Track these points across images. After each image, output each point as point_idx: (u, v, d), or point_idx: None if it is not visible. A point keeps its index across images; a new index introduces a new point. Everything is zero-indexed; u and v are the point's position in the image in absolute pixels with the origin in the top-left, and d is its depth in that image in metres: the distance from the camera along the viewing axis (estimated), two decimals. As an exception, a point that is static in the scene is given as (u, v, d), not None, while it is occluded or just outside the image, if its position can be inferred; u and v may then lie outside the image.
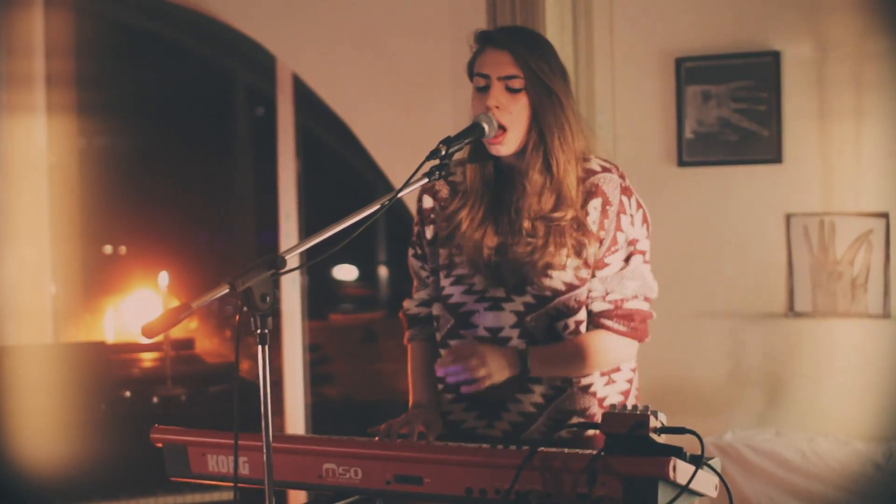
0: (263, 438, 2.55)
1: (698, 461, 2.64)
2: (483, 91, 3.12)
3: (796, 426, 5.30)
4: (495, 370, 3.04)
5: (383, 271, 8.44)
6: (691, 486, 2.61)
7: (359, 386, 7.87)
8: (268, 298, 2.53)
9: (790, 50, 5.35)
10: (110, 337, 6.86)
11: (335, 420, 7.11)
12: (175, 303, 6.80)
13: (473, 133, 3.06)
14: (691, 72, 5.50)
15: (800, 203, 5.36)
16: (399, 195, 2.89)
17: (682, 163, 5.55)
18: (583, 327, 3.15)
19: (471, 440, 3.13)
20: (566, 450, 2.70)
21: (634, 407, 2.67)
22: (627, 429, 2.63)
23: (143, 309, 6.87)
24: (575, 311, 3.13)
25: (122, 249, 7.58)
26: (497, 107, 3.09)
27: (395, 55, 6.12)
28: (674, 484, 2.57)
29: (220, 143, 7.95)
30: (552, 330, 3.14)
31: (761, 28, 5.40)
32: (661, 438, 2.67)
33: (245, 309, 2.53)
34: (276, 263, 2.56)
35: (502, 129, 3.10)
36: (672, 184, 5.56)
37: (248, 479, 2.94)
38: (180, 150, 7.80)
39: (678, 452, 2.61)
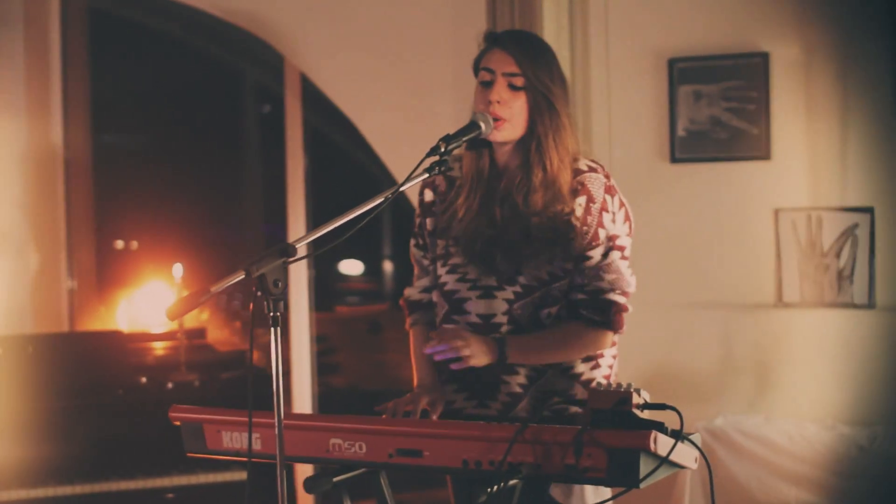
0: (275, 415, 2.72)
1: (678, 435, 2.77)
2: (487, 86, 3.29)
3: (785, 412, 5.33)
4: (477, 352, 3.21)
5: (388, 265, 8.54)
6: (672, 458, 2.74)
7: (364, 375, 7.91)
8: (280, 284, 2.71)
9: (778, 51, 5.39)
10: (124, 327, 6.99)
11: (341, 409, 7.14)
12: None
13: (470, 131, 3.23)
14: (683, 72, 5.53)
15: (788, 198, 5.39)
16: (401, 189, 3.05)
17: (674, 159, 5.58)
18: (563, 314, 3.32)
19: (461, 420, 3.30)
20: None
21: (619, 384, 2.82)
22: (611, 404, 2.79)
23: (154, 301, 6.97)
24: (558, 301, 3.30)
25: (134, 244, 7.68)
26: (499, 101, 3.26)
27: (398, 56, 6.18)
28: (655, 455, 2.71)
29: (230, 140, 8.03)
30: (536, 317, 3.30)
31: (751, 30, 5.43)
32: (645, 414, 2.82)
33: (259, 294, 2.73)
34: (287, 252, 2.73)
35: (501, 119, 3.27)
36: (665, 180, 5.60)
37: (260, 454, 3.09)
38: (190, 147, 7.88)
39: (659, 427, 2.75)
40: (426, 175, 3.14)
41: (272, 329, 2.71)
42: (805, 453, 5.09)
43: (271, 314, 2.71)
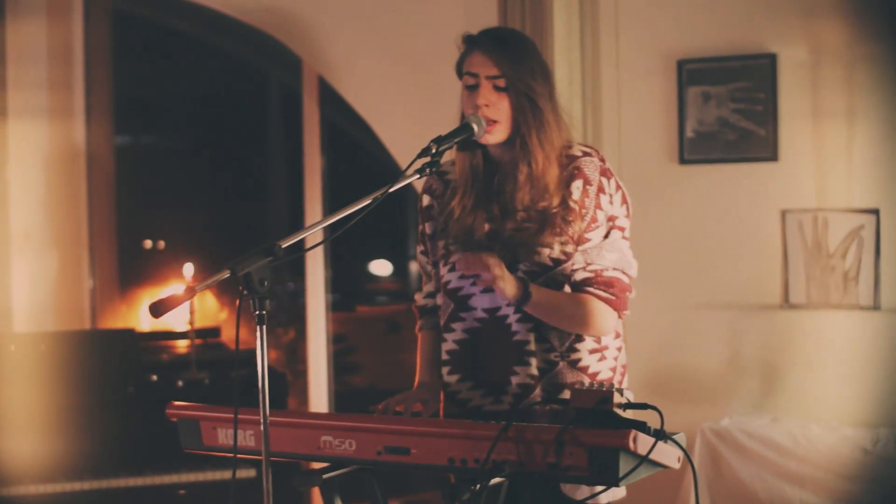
0: (261, 412, 2.76)
1: (660, 435, 2.80)
2: (473, 89, 3.32)
3: (791, 413, 5.35)
4: (507, 277, 3.20)
5: (414, 266, 8.56)
6: (653, 457, 2.76)
7: (383, 375, 7.96)
8: (265, 283, 2.74)
9: (786, 53, 5.41)
10: (146, 327, 7.06)
11: (359, 408, 7.17)
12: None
13: (463, 132, 3.25)
14: (692, 73, 5.56)
15: (795, 199, 5.41)
16: (391, 190, 3.08)
17: (683, 161, 5.61)
18: None
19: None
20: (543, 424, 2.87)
21: (601, 384, 2.85)
22: (593, 404, 2.83)
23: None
24: (562, 285, 3.30)
25: (162, 244, 7.74)
26: (486, 105, 3.28)
27: (412, 59, 6.23)
28: (635, 455, 2.72)
29: (253, 141, 8.08)
30: None
31: (759, 32, 5.46)
32: (628, 413, 2.84)
33: (245, 292, 2.76)
34: (273, 251, 2.77)
35: (493, 121, 3.30)
36: (674, 181, 5.63)
37: (253, 451, 3.12)
38: (214, 147, 7.95)
39: (640, 426, 2.77)
40: (417, 176, 3.15)
41: (258, 327, 2.74)
42: (809, 455, 5.10)
43: (256, 312, 2.75)
